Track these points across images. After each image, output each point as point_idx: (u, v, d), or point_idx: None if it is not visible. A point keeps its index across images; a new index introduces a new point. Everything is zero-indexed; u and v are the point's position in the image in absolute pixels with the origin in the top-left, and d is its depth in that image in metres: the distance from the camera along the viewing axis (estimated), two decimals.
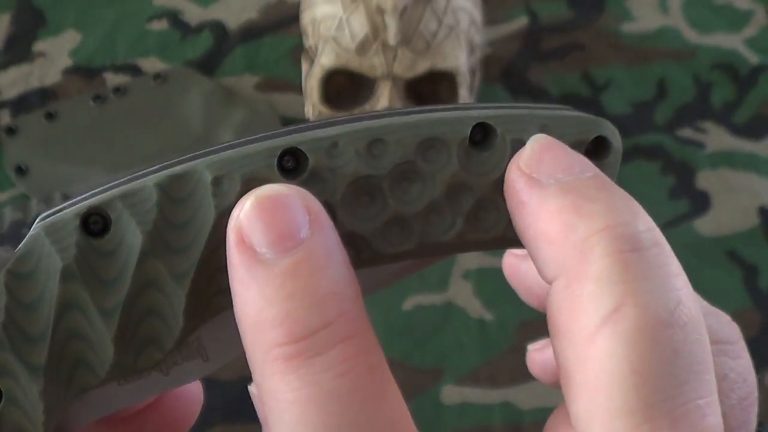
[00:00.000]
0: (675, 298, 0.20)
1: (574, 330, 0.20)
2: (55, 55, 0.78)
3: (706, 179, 0.72)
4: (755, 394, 0.23)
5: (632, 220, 0.20)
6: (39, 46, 0.78)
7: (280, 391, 0.19)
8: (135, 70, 0.77)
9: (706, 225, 0.70)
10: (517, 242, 0.22)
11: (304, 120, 0.71)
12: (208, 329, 0.22)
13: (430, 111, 0.22)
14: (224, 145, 0.22)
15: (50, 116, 0.73)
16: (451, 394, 0.62)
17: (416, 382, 0.63)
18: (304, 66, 0.70)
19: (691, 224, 0.70)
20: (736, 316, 0.74)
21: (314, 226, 0.20)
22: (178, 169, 0.21)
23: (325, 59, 0.65)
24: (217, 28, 0.80)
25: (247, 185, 0.21)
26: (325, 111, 0.67)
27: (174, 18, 0.80)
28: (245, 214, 0.20)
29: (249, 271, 0.20)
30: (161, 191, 0.21)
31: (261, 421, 0.25)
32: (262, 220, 0.20)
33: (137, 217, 0.21)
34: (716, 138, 0.74)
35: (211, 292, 0.22)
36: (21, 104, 0.75)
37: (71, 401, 0.22)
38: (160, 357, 0.22)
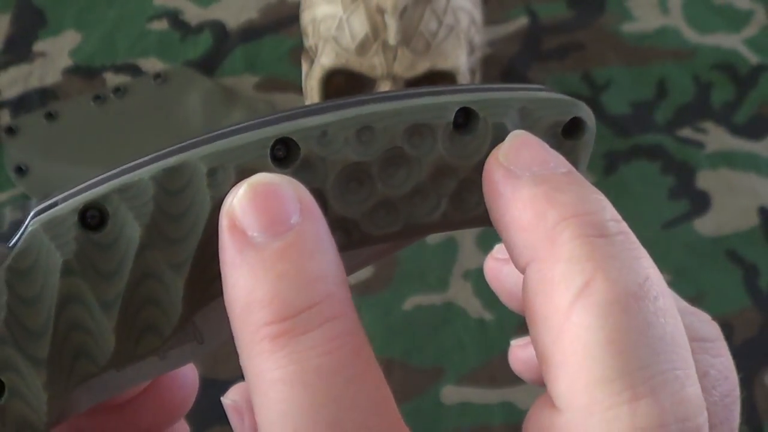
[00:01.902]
0: (643, 274, 0.21)
1: (548, 312, 0.21)
2: (55, 55, 0.78)
3: (706, 179, 0.72)
4: (737, 391, 0.24)
5: (600, 210, 0.21)
6: (39, 46, 0.78)
7: (267, 370, 0.20)
8: (135, 70, 0.77)
9: (706, 225, 0.70)
10: None
11: None
12: (203, 313, 0.23)
13: (415, 96, 0.23)
14: (216, 133, 0.22)
15: (50, 116, 0.73)
16: (451, 394, 0.62)
17: (416, 382, 0.63)
18: (304, 66, 0.70)
19: (691, 224, 0.70)
20: (736, 316, 0.73)
21: (304, 214, 0.21)
22: (172, 161, 0.22)
23: (325, 59, 0.65)
24: (217, 28, 0.80)
25: (242, 175, 0.21)
26: None
27: (174, 18, 0.80)
28: (238, 200, 0.21)
29: (240, 254, 0.20)
30: (157, 184, 0.21)
31: None
32: (254, 205, 0.21)
33: (134, 210, 0.21)
34: (716, 138, 0.74)
35: (208, 278, 0.22)
36: (21, 104, 0.75)
37: (72, 389, 0.22)
38: (159, 344, 0.22)
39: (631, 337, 0.20)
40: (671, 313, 0.21)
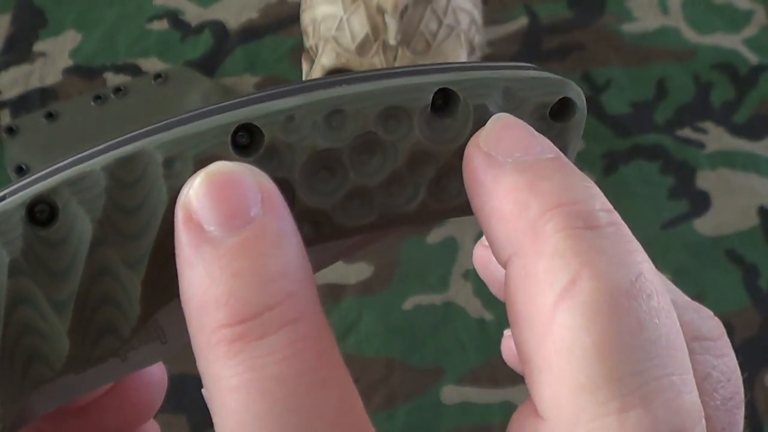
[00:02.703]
0: (636, 270, 0.19)
1: (532, 312, 0.19)
2: (56, 55, 0.78)
3: (705, 179, 0.72)
4: (741, 394, 0.22)
5: (588, 199, 0.20)
6: (39, 46, 0.78)
7: (223, 377, 0.18)
8: (135, 70, 0.77)
9: (705, 225, 0.70)
10: None
11: None
12: (165, 311, 0.21)
13: (389, 76, 0.21)
14: (174, 119, 0.21)
15: (50, 116, 0.73)
16: (451, 394, 0.62)
17: (416, 382, 0.63)
18: (305, 66, 0.70)
19: (690, 224, 0.70)
20: (736, 316, 0.73)
21: (266, 206, 0.19)
22: (126, 150, 0.20)
23: (326, 59, 0.65)
24: (217, 28, 0.80)
25: (201, 165, 0.20)
26: None
27: (174, 18, 0.80)
28: (194, 190, 0.19)
29: (195, 250, 0.19)
30: (110, 175, 0.20)
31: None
32: (211, 197, 0.19)
33: (85, 204, 0.20)
34: (716, 138, 0.74)
35: (167, 276, 0.20)
36: (21, 104, 0.75)
37: (28, 394, 0.21)
38: (118, 345, 0.21)
39: (621, 340, 0.18)
40: (666, 312, 0.19)
